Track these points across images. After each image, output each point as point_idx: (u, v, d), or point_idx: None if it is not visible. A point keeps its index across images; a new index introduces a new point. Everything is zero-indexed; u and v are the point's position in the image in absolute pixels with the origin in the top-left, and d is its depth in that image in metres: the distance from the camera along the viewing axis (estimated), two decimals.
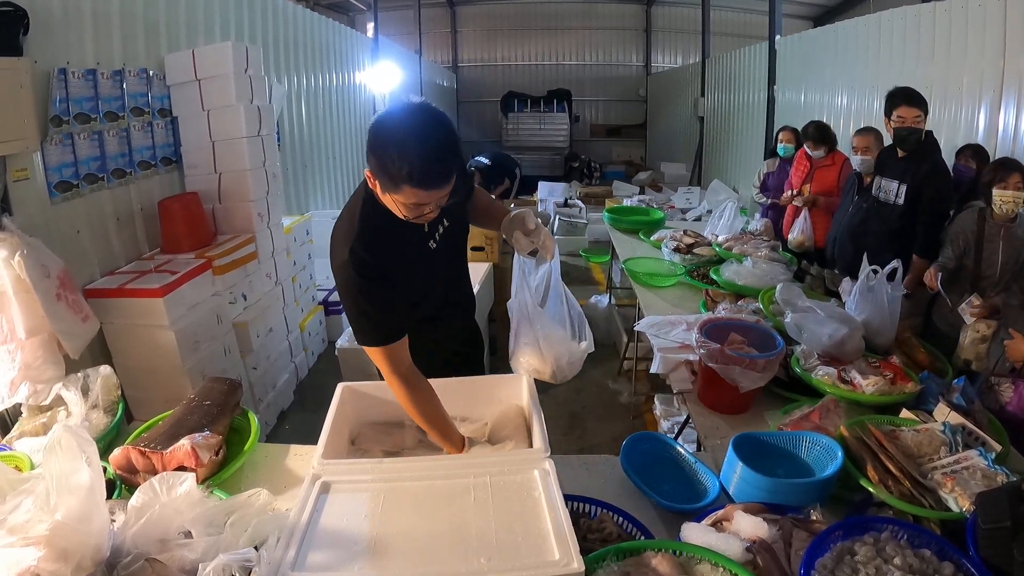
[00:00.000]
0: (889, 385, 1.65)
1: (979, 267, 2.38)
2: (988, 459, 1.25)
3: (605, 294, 4.74)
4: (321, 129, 5.58)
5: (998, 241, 2.34)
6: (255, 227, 3.19)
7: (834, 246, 3.18)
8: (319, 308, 4.18)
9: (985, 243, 2.36)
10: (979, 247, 2.39)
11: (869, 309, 1.93)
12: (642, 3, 13.02)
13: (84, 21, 2.51)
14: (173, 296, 2.45)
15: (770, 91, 6.78)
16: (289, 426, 3.34)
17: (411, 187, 1.19)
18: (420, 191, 1.20)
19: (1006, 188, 2.28)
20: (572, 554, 0.93)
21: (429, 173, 1.19)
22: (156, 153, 2.97)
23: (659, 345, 2.10)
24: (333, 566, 0.96)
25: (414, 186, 1.19)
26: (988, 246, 2.36)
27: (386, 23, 10.27)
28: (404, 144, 1.17)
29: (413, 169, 1.17)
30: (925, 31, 4.07)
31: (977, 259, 2.39)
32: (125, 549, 1.02)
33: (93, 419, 1.61)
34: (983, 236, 2.37)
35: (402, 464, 1.21)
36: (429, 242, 1.47)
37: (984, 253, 2.37)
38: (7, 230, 1.93)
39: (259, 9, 4.26)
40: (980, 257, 2.38)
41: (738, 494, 1.28)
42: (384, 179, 1.22)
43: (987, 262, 2.36)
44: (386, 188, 1.24)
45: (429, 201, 1.24)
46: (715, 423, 1.72)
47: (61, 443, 0.99)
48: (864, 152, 3.02)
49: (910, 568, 1.01)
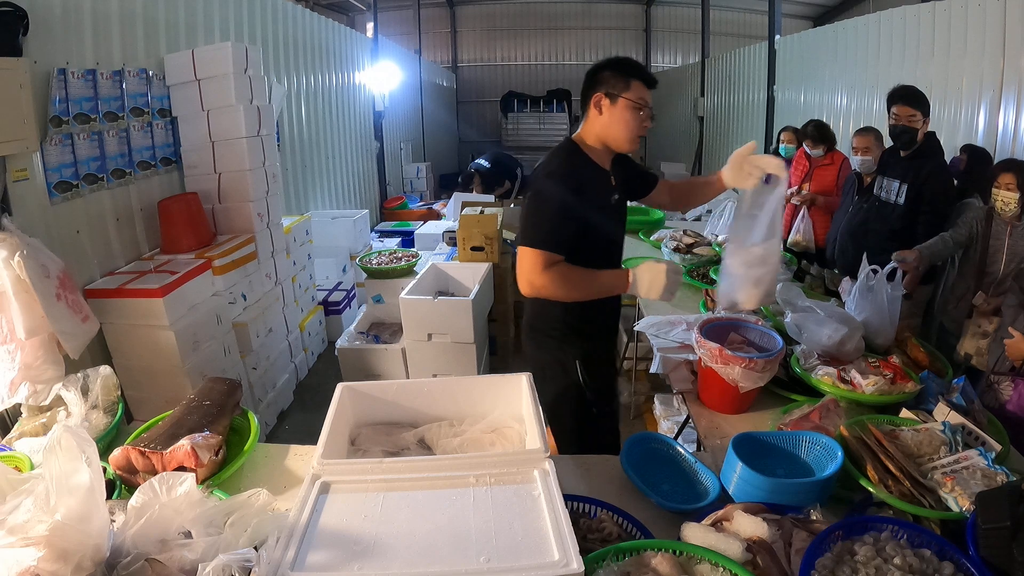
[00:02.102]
0: (889, 385, 1.65)
1: (983, 263, 2.39)
2: (988, 459, 1.25)
3: None
4: (321, 129, 5.58)
5: (1004, 239, 2.34)
6: (255, 227, 3.19)
7: (834, 246, 3.18)
8: (319, 308, 4.18)
9: (992, 240, 2.37)
10: (985, 243, 2.40)
11: (869, 309, 1.93)
12: (642, 3, 13.03)
13: (84, 21, 2.51)
14: (173, 296, 2.45)
15: (770, 91, 6.79)
16: (289, 426, 3.34)
17: (638, 80, 1.67)
18: (644, 87, 1.69)
19: (999, 188, 2.31)
20: (572, 554, 0.93)
21: (649, 72, 1.72)
22: (156, 153, 2.97)
23: (659, 345, 2.10)
24: (333, 566, 0.96)
25: (642, 80, 1.68)
26: (994, 243, 2.37)
27: (386, 23, 10.30)
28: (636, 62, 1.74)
29: (640, 68, 1.71)
30: (925, 31, 4.07)
31: (983, 255, 2.39)
32: (125, 549, 1.02)
33: (93, 419, 1.61)
34: (990, 233, 2.38)
35: (402, 464, 1.21)
36: (611, 196, 1.80)
37: (990, 250, 2.38)
38: (7, 230, 1.93)
39: (259, 9, 4.26)
40: (986, 254, 2.39)
41: (738, 494, 1.28)
42: (618, 82, 1.67)
43: (992, 259, 2.37)
44: (618, 89, 1.68)
45: (648, 99, 1.69)
46: (715, 423, 1.72)
47: (61, 443, 0.98)
48: (864, 152, 3.02)
49: (910, 568, 1.01)
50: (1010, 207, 2.30)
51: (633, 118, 1.69)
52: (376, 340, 3.58)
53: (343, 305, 4.42)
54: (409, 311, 3.23)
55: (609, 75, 1.69)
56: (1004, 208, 2.32)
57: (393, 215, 7.26)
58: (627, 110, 1.68)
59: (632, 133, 1.71)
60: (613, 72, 1.69)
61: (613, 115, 1.70)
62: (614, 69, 1.69)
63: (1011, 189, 2.27)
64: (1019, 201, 2.27)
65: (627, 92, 1.67)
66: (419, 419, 1.51)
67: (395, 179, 8.35)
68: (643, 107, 1.68)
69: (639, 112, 1.68)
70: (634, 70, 1.69)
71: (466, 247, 3.85)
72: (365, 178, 6.95)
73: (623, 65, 1.70)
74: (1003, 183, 2.29)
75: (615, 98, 1.68)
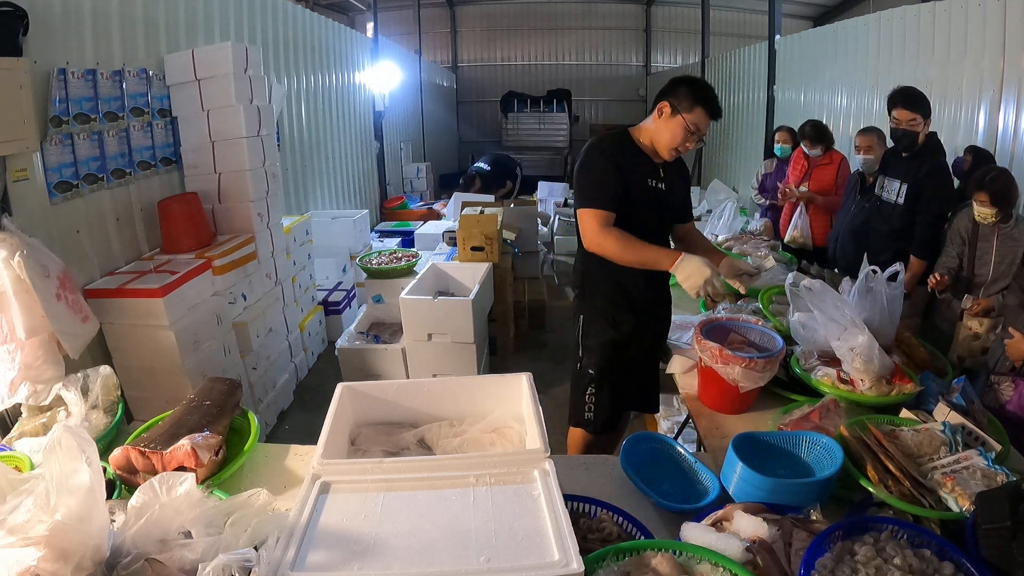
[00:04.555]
0: (888, 385, 1.65)
1: (972, 267, 2.40)
2: (988, 459, 1.25)
3: None
4: (321, 129, 5.58)
5: (992, 241, 2.36)
6: (255, 227, 3.19)
7: (835, 245, 3.18)
8: (319, 308, 4.18)
9: (979, 243, 2.39)
10: (973, 247, 2.41)
11: (869, 309, 1.93)
12: (642, 3, 13.02)
13: (84, 21, 2.51)
14: (173, 296, 2.45)
15: (770, 91, 6.79)
16: (289, 426, 3.34)
17: (702, 108, 1.83)
18: (706, 115, 1.84)
19: (975, 204, 2.36)
20: (572, 554, 0.93)
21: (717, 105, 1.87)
22: (156, 153, 2.97)
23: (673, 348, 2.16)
24: (333, 566, 0.96)
25: (706, 110, 1.84)
26: (982, 246, 2.39)
27: (386, 23, 10.29)
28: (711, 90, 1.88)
29: (712, 99, 1.85)
30: (925, 31, 4.07)
31: (971, 259, 2.41)
32: (125, 549, 1.02)
33: (93, 419, 1.61)
34: (977, 236, 2.40)
35: (402, 464, 1.21)
36: (653, 181, 1.94)
37: (977, 253, 2.39)
38: (7, 230, 1.93)
39: (259, 9, 4.25)
40: (974, 257, 2.41)
41: (738, 494, 1.28)
42: (687, 100, 1.83)
43: (980, 261, 2.39)
44: (682, 108, 1.83)
45: (704, 127, 1.86)
46: (715, 423, 1.72)
47: (61, 443, 0.98)
48: (866, 152, 3.03)
49: (910, 568, 1.01)
50: (988, 221, 2.35)
51: (680, 135, 1.86)
52: (376, 340, 3.58)
53: (343, 305, 4.42)
54: (409, 311, 3.23)
55: (684, 91, 1.85)
56: (983, 221, 2.37)
57: (393, 215, 7.26)
58: (679, 127, 1.85)
59: (673, 146, 1.88)
60: (688, 90, 1.85)
61: (667, 124, 1.87)
62: (690, 88, 1.85)
63: (986, 205, 2.32)
64: (996, 214, 2.32)
65: (688, 113, 1.84)
66: (419, 419, 1.51)
67: (395, 179, 8.35)
68: (694, 132, 1.85)
69: (688, 134, 1.85)
70: (705, 98, 1.85)
71: (466, 247, 3.85)
72: (365, 178, 6.94)
73: (699, 89, 1.86)
74: (978, 200, 2.34)
75: (676, 112, 1.85)
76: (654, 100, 1.93)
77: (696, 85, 1.87)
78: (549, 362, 4.06)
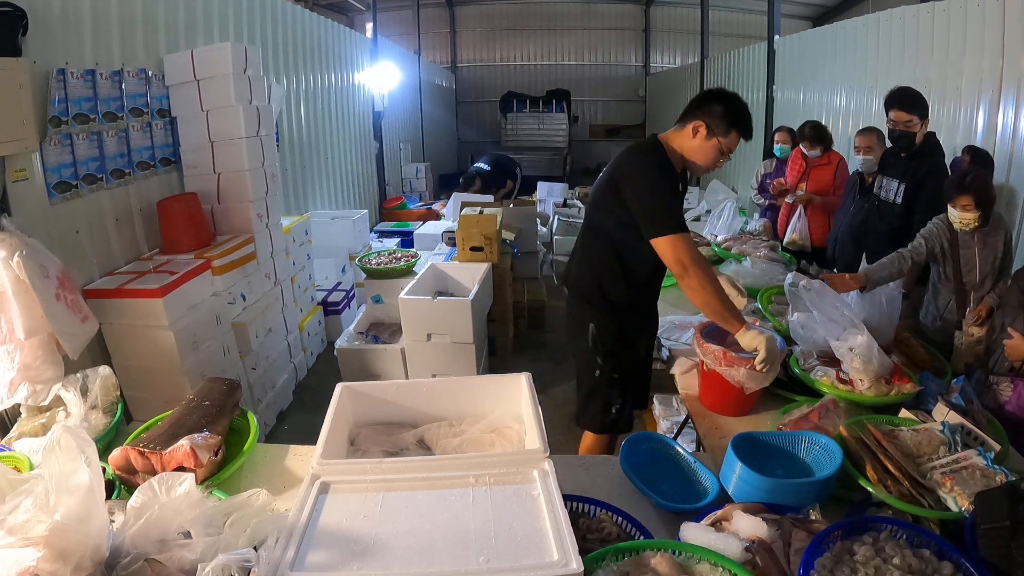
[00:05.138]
0: (887, 385, 1.65)
1: (959, 274, 2.35)
2: (987, 459, 1.25)
3: None
4: (320, 129, 5.58)
5: (973, 247, 2.30)
6: (254, 227, 3.18)
7: (835, 246, 3.18)
8: (318, 308, 4.18)
9: (961, 251, 2.33)
10: (955, 254, 2.35)
11: (868, 309, 1.93)
12: (641, 3, 13.03)
13: (83, 21, 2.51)
14: (172, 296, 2.45)
15: (769, 91, 6.79)
16: (288, 426, 3.34)
17: (738, 133, 1.82)
18: (740, 137, 1.83)
19: (955, 208, 2.25)
20: (571, 554, 0.93)
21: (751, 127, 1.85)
22: (155, 153, 2.97)
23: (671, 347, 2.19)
24: (332, 566, 0.96)
25: (741, 132, 1.82)
26: (964, 254, 2.32)
27: (385, 23, 10.29)
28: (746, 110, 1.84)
29: (747, 123, 1.83)
30: (924, 31, 4.07)
31: (955, 267, 2.35)
32: (124, 549, 1.02)
33: (92, 419, 1.61)
34: (957, 245, 2.34)
35: (402, 464, 1.21)
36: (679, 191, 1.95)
37: (962, 261, 2.33)
38: (6, 230, 1.93)
39: (258, 9, 4.25)
40: (958, 264, 2.34)
41: (737, 494, 1.28)
42: (722, 123, 1.80)
43: (966, 266, 2.33)
44: (718, 132, 1.81)
45: (734, 149, 1.85)
46: (715, 423, 1.72)
47: (60, 443, 0.98)
48: (866, 152, 3.03)
49: (909, 568, 1.01)
50: (969, 226, 2.25)
51: (715, 157, 1.85)
52: (375, 340, 3.58)
53: (342, 305, 4.42)
54: (408, 311, 3.23)
55: (720, 112, 1.81)
56: (965, 228, 2.26)
57: (392, 215, 7.26)
58: (714, 150, 1.83)
59: (708, 167, 1.90)
60: (725, 111, 1.81)
61: (703, 146, 1.84)
62: (727, 108, 1.81)
63: (968, 210, 2.21)
64: (978, 218, 2.22)
65: (724, 137, 1.82)
66: (419, 419, 1.51)
67: (394, 179, 8.34)
68: (727, 153, 1.85)
69: (721, 155, 1.85)
70: (741, 123, 1.83)
71: (465, 247, 3.84)
72: (364, 178, 6.94)
73: (735, 110, 1.82)
74: (959, 204, 2.22)
75: (712, 135, 1.82)
76: (686, 111, 1.87)
77: (731, 105, 1.82)
78: (548, 362, 4.06)
